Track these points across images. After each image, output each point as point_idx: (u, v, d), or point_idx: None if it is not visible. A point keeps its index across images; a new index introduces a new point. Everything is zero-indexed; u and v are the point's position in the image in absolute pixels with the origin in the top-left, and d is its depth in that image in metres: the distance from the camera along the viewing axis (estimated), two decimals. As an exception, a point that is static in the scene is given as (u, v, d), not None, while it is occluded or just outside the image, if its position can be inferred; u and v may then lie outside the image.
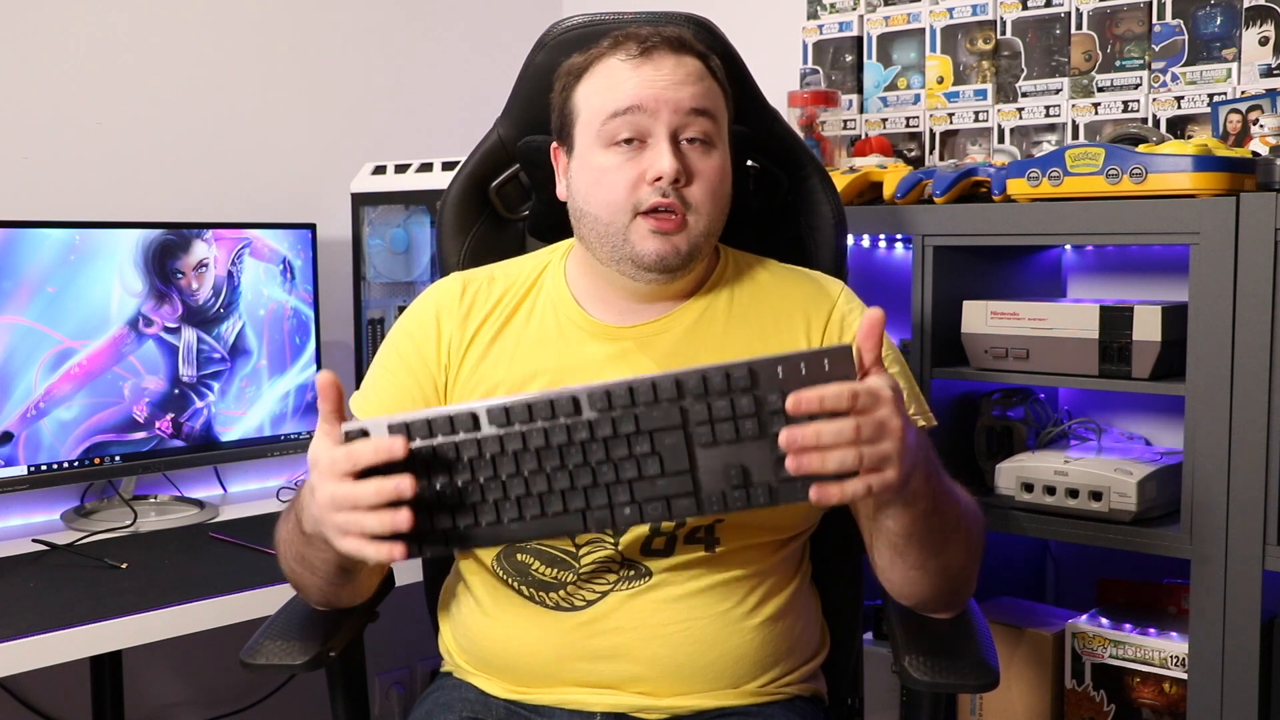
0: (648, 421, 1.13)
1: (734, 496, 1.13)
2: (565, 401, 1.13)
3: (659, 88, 1.32)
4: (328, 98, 2.51)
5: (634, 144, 1.33)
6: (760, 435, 1.12)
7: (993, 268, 2.03)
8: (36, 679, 2.03)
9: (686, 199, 1.33)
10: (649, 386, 1.13)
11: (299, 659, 1.34)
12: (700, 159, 1.34)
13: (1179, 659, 1.78)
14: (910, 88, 2.31)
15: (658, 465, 1.13)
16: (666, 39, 1.35)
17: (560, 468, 1.14)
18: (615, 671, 1.34)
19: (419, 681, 2.62)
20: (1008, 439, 2.00)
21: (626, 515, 1.15)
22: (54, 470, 2.00)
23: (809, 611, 1.45)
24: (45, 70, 2.16)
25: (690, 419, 1.13)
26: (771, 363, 1.11)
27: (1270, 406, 1.63)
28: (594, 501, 1.14)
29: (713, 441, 1.13)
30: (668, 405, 1.13)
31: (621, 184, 1.33)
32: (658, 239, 1.32)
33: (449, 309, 1.43)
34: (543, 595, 1.36)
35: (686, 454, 1.13)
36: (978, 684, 1.27)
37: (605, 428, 1.13)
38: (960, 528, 1.28)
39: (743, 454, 1.13)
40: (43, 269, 1.96)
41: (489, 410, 1.14)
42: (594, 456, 1.13)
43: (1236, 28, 1.97)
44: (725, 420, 1.12)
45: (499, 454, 1.14)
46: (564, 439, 1.13)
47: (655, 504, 1.14)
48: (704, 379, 1.12)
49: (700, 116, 1.33)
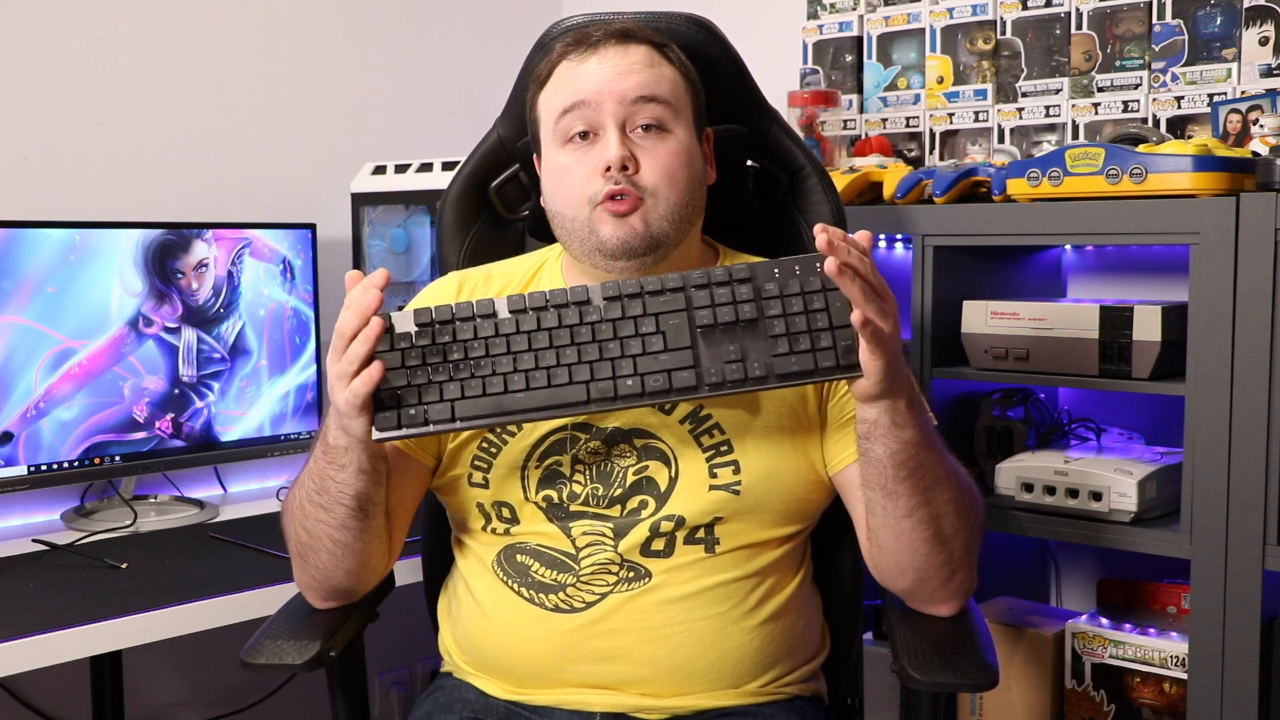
0: (654, 306, 1.23)
1: (731, 370, 1.21)
2: (579, 291, 1.24)
3: (601, 80, 1.34)
4: (328, 98, 2.51)
5: (588, 138, 1.34)
6: (757, 318, 1.22)
7: (993, 268, 2.03)
8: (36, 679, 2.03)
9: (638, 184, 1.33)
10: (658, 280, 1.24)
11: (299, 659, 1.34)
12: (654, 144, 1.34)
13: (1179, 659, 1.78)
14: (910, 88, 2.31)
15: (661, 343, 1.22)
16: (612, 33, 1.36)
17: (569, 345, 1.23)
18: (615, 673, 1.34)
19: (419, 681, 2.62)
20: (1008, 439, 2.00)
21: (629, 386, 1.22)
22: (54, 470, 2.00)
23: (809, 611, 1.45)
24: (45, 70, 2.16)
25: (693, 303, 1.23)
26: (768, 264, 1.24)
27: (1270, 406, 1.63)
28: (598, 374, 1.22)
29: (713, 323, 1.22)
30: (673, 294, 1.23)
31: (578, 178, 1.34)
32: (615, 222, 1.33)
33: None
34: (542, 597, 1.36)
35: (689, 333, 1.22)
36: (977, 683, 1.28)
37: (614, 311, 1.23)
38: (950, 483, 1.29)
39: (741, 336, 1.22)
40: (43, 269, 1.96)
41: (509, 300, 1.25)
42: (602, 335, 1.23)
43: (1236, 28, 1.97)
44: (726, 304, 1.22)
45: (513, 334, 1.23)
46: (575, 320, 1.23)
47: (657, 376, 1.22)
48: (708, 274, 1.24)
49: (649, 103, 1.34)
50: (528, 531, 1.37)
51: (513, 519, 1.38)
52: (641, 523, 1.34)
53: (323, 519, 1.33)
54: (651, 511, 1.34)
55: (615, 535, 1.34)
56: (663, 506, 1.34)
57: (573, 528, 1.36)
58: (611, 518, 1.35)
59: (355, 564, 1.37)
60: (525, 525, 1.37)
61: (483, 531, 1.40)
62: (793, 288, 1.22)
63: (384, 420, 1.22)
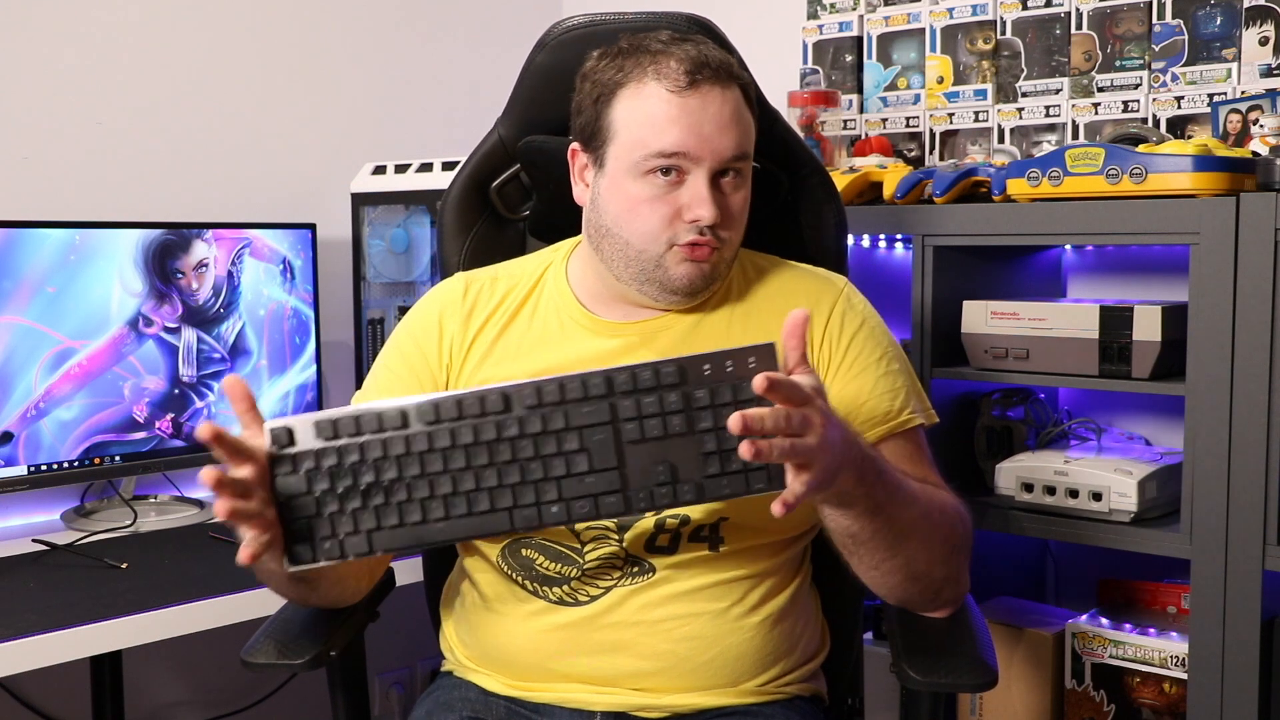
0: (577, 418, 1.14)
1: (660, 494, 1.14)
2: (495, 398, 1.14)
3: (705, 134, 1.31)
4: (328, 98, 2.51)
5: (671, 175, 1.33)
6: (688, 431, 1.13)
7: (993, 268, 2.03)
8: (36, 679, 2.03)
9: (719, 235, 1.35)
10: (579, 383, 1.14)
11: (300, 658, 1.34)
12: (733, 193, 1.36)
13: (1179, 659, 1.78)
14: (910, 88, 2.31)
15: (586, 462, 1.14)
16: (714, 70, 1.33)
17: (488, 465, 1.14)
18: (616, 667, 1.34)
19: (419, 681, 2.62)
20: (1008, 439, 2.00)
21: (554, 514, 1.15)
22: (54, 470, 2.00)
23: (810, 612, 1.45)
24: (45, 70, 2.16)
25: (619, 414, 1.14)
26: (699, 360, 1.13)
27: (1270, 406, 1.63)
28: (521, 500, 1.14)
29: (641, 438, 1.14)
30: (597, 402, 1.14)
31: (657, 217, 1.33)
32: (690, 265, 1.35)
33: (451, 309, 1.44)
34: (546, 590, 1.36)
35: (615, 451, 1.14)
36: (975, 683, 1.28)
37: (535, 424, 1.14)
38: (920, 529, 1.28)
39: (670, 451, 1.14)
40: (43, 269, 1.96)
41: (418, 407, 1.14)
42: (522, 454, 1.14)
43: (1236, 28, 1.97)
44: (654, 416, 1.13)
45: (426, 451, 1.14)
46: (493, 435, 1.14)
47: (583, 502, 1.14)
48: (633, 375, 1.13)
49: (740, 160, 1.35)
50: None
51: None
52: (646, 518, 1.34)
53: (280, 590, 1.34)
54: (656, 507, 1.34)
55: (620, 530, 1.35)
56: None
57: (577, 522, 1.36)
58: (616, 513, 1.35)
59: (334, 597, 1.39)
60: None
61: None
62: (724, 396, 1.13)
63: (297, 554, 1.15)
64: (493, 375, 1.40)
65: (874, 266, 2.24)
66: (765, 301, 1.44)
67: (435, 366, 1.42)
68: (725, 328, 1.41)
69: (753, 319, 1.42)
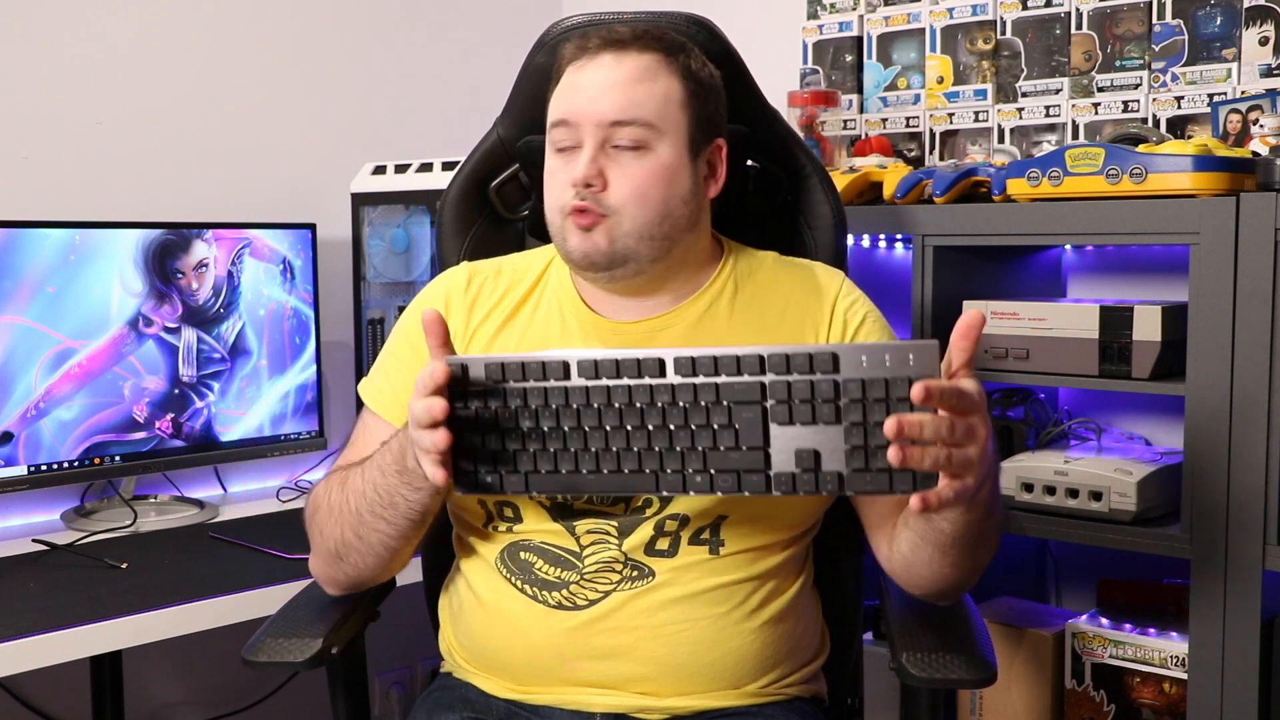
0: (728, 393, 1.16)
1: (803, 479, 1.15)
2: (652, 363, 1.17)
3: (581, 101, 1.34)
4: (328, 98, 2.51)
5: (570, 149, 1.36)
6: (835, 421, 1.13)
7: (993, 268, 2.03)
8: (36, 679, 2.03)
9: (603, 201, 1.34)
10: (733, 359, 1.16)
11: (301, 656, 1.35)
12: (630, 162, 1.34)
13: (1179, 659, 1.78)
14: (910, 88, 2.31)
15: (733, 438, 1.16)
16: (610, 41, 1.36)
17: (639, 427, 1.18)
18: (615, 671, 1.34)
19: (419, 681, 2.62)
20: (1008, 439, 2.00)
21: (699, 483, 1.17)
22: (54, 470, 2.00)
23: (810, 614, 1.45)
24: (45, 70, 2.16)
25: (769, 394, 1.15)
26: (856, 349, 1.13)
27: (1270, 406, 1.63)
28: (669, 465, 1.18)
29: (789, 420, 1.15)
30: (749, 379, 1.15)
31: (555, 187, 1.37)
32: (579, 235, 1.35)
33: (455, 298, 1.45)
34: (545, 594, 1.36)
35: (762, 430, 1.15)
36: (975, 679, 1.28)
37: (687, 394, 1.16)
38: (997, 530, 1.32)
39: (816, 437, 1.14)
40: (43, 269, 1.96)
41: (579, 362, 1.18)
42: (674, 420, 1.17)
43: (1236, 28, 1.97)
44: (804, 401, 1.14)
45: (584, 405, 1.18)
46: (646, 399, 1.17)
47: (727, 476, 1.17)
48: (787, 358, 1.14)
49: (626, 126, 1.33)
50: (531, 529, 1.37)
51: (515, 517, 1.38)
52: (646, 521, 1.34)
53: (383, 529, 1.34)
54: (656, 510, 1.34)
55: (619, 534, 1.34)
56: (667, 505, 1.34)
57: (577, 525, 1.36)
58: (616, 516, 1.35)
59: (397, 564, 1.41)
60: (529, 523, 1.37)
61: (485, 529, 1.40)
62: (877, 391, 1.12)
63: (463, 478, 1.23)
64: None
65: (874, 266, 2.24)
66: (765, 299, 1.44)
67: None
68: (725, 327, 1.41)
69: (753, 318, 1.42)
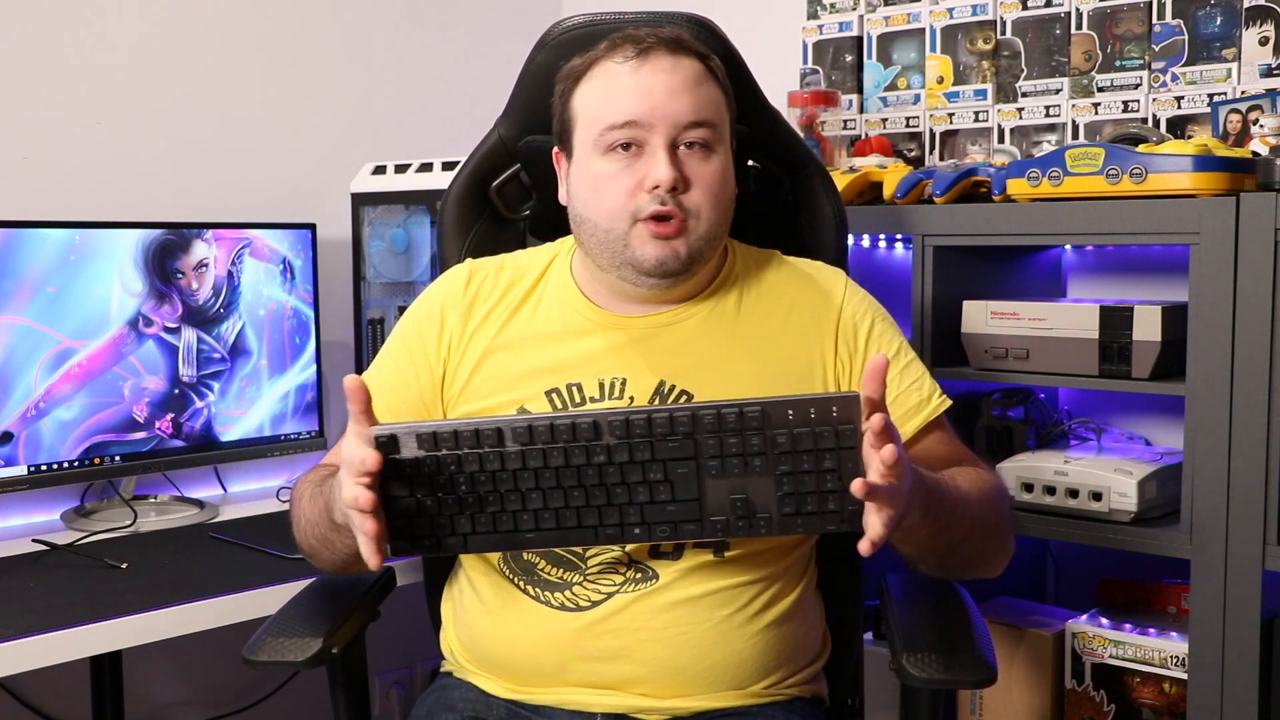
0: (663, 451, 1.20)
1: (737, 525, 1.21)
2: (586, 426, 1.20)
3: (655, 100, 1.32)
4: (328, 98, 2.51)
5: (631, 149, 1.33)
6: (766, 472, 1.18)
7: (993, 268, 2.03)
8: (36, 679, 2.02)
9: (685, 205, 1.33)
10: (667, 419, 1.20)
11: (302, 656, 1.35)
12: (699, 164, 1.34)
13: (1179, 659, 1.78)
14: (910, 88, 2.31)
15: (669, 492, 1.21)
16: (664, 40, 1.34)
17: (577, 486, 1.21)
18: (617, 672, 1.34)
19: (419, 681, 2.62)
20: (1008, 439, 2.00)
21: (635, 534, 1.22)
22: (54, 470, 2.00)
23: (812, 616, 1.45)
24: (45, 70, 2.16)
25: (702, 451, 1.19)
26: (783, 404, 1.18)
27: (1270, 406, 1.63)
28: (606, 519, 1.22)
29: (722, 474, 1.20)
30: (683, 438, 1.19)
31: (619, 191, 1.33)
32: (657, 244, 1.33)
33: (453, 301, 1.45)
34: (548, 595, 1.36)
35: (696, 484, 1.20)
36: (975, 680, 1.28)
37: (622, 454, 1.20)
38: (973, 531, 1.32)
39: (748, 486, 1.19)
40: (43, 269, 1.96)
41: (514, 429, 1.20)
42: (610, 479, 1.21)
43: (1236, 28, 1.97)
44: (735, 456, 1.19)
45: (520, 469, 1.21)
46: (583, 460, 1.20)
47: (663, 526, 1.22)
48: (719, 415, 1.18)
49: (699, 127, 1.33)
50: (533, 530, 1.38)
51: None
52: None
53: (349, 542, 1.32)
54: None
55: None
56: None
57: None
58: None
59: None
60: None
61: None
62: (805, 442, 1.17)
63: (398, 547, 1.23)
64: (496, 368, 1.40)
65: (874, 266, 2.24)
66: (771, 301, 1.44)
67: (433, 358, 1.43)
68: (731, 329, 1.41)
69: (759, 319, 1.42)
